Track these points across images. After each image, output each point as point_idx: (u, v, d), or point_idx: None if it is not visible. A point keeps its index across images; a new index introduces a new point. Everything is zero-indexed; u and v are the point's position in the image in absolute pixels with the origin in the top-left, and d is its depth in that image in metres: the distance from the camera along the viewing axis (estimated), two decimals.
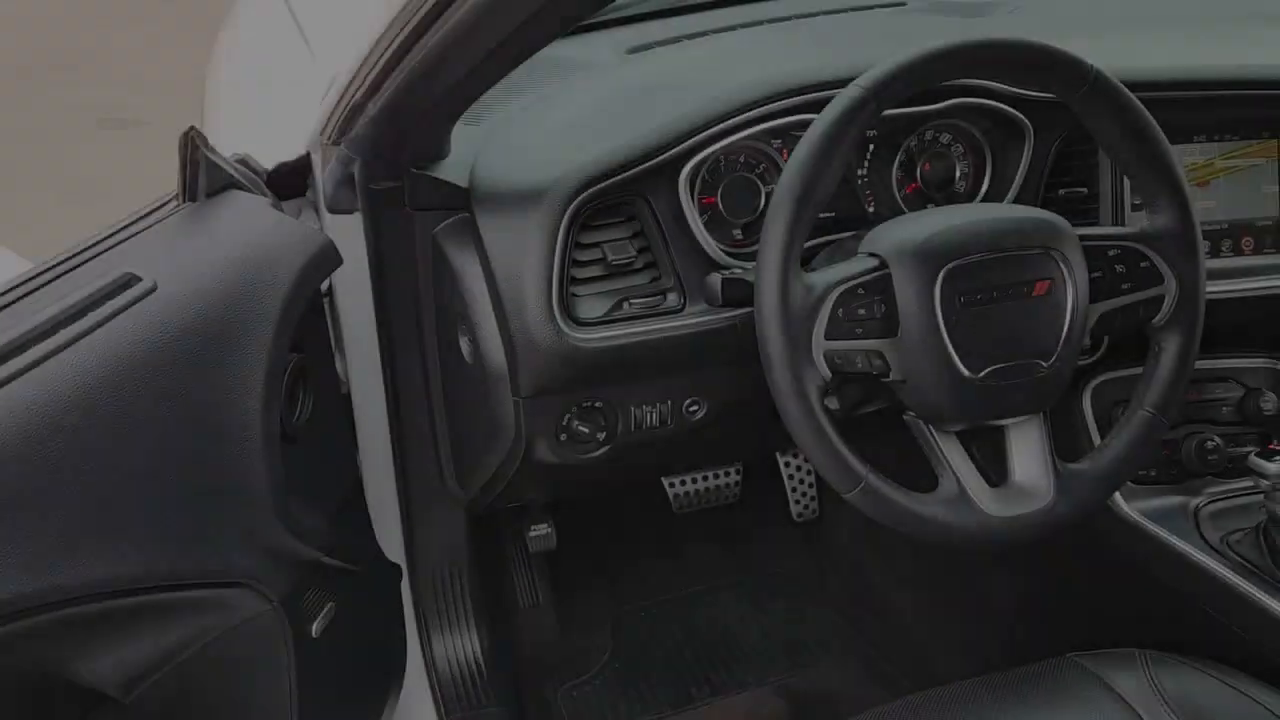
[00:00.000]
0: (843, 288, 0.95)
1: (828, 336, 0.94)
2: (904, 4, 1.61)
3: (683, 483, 1.77)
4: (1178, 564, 1.22)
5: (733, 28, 1.48)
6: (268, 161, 1.20)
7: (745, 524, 1.94)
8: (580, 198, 1.05)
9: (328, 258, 1.05)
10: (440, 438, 1.34)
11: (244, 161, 1.14)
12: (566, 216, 1.05)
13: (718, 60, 1.34)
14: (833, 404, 1.16)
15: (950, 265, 0.95)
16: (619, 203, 1.10)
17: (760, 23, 1.51)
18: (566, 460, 1.16)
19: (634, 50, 1.42)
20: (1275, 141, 1.30)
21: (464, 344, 1.16)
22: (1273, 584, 1.14)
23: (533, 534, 1.52)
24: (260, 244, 0.98)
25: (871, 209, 1.22)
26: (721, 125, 1.10)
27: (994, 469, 1.04)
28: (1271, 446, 1.17)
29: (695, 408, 1.18)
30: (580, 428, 1.14)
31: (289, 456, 0.98)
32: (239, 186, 1.07)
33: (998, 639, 1.60)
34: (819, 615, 1.84)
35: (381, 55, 0.93)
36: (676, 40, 1.45)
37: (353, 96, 1.02)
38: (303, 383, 1.05)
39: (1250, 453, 1.16)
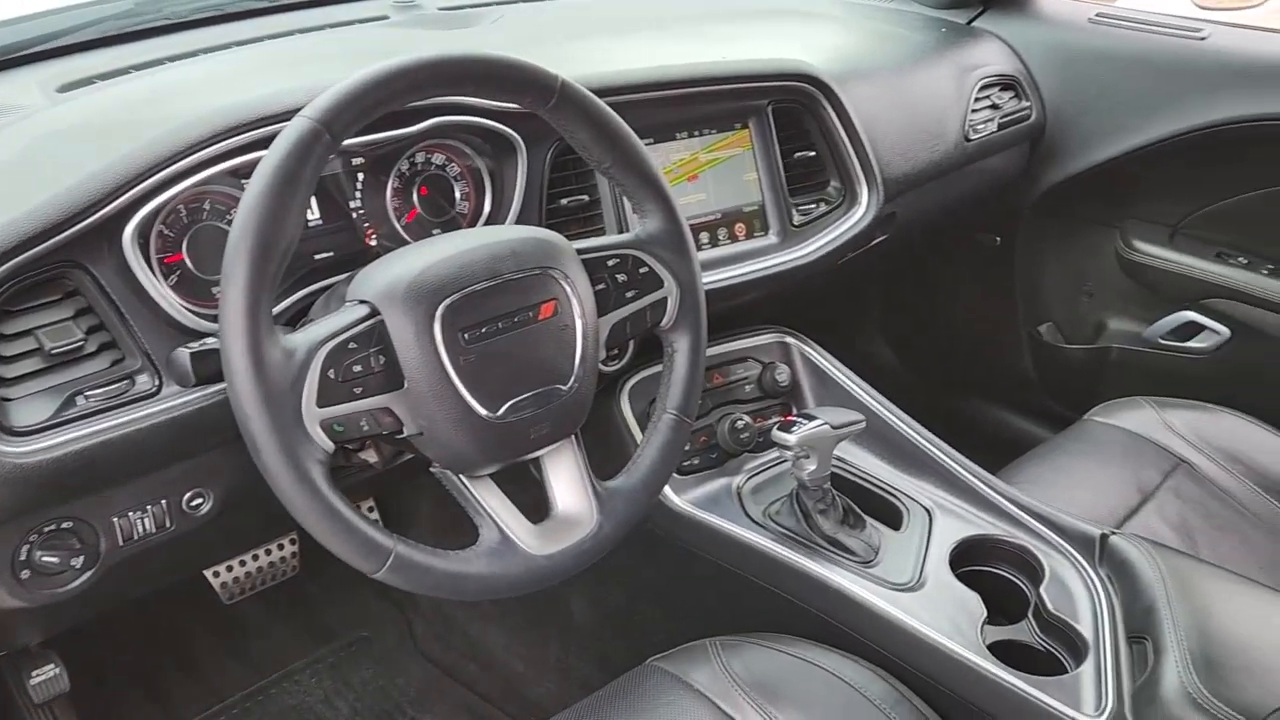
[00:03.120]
0: (330, 345, 0.83)
1: (321, 403, 0.82)
2: (386, 17, 1.52)
3: (228, 569, 1.56)
4: (730, 546, 1.26)
5: (193, 53, 1.30)
6: None
7: (314, 592, 1.76)
8: None
9: None
10: None
11: None
12: None
13: (165, 93, 1.15)
14: (371, 457, 1.05)
15: (447, 301, 0.87)
16: (50, 278, 0.90)
17: (226, 46, 1.34)
18: (38, 602, 0.94)
19: (66, 88, 1.19)
20: (747, 131, 1.38)
21: None
22: (810, 546, 1.21)
23: (34, 681, 1.24)
24: None
25: (374, 243, 1.12)
26: (167, 170, 0.93)
27: (542, 501, 0.99)
28: (789, 417, 1.24)
29: (199, 500, 1.01)
30: (46, 559, 0.92)
31: None
32: None
33: (589, 656, 1.58)
34: (413, 671, 1.72)
35: None
36: (123, 73, 1.24)
37: None
38: None
39: (775, 425, 1.22)
